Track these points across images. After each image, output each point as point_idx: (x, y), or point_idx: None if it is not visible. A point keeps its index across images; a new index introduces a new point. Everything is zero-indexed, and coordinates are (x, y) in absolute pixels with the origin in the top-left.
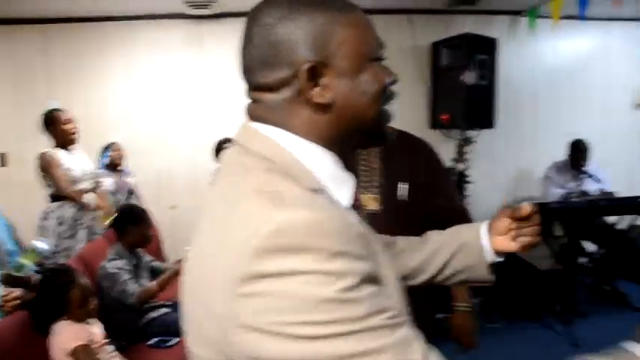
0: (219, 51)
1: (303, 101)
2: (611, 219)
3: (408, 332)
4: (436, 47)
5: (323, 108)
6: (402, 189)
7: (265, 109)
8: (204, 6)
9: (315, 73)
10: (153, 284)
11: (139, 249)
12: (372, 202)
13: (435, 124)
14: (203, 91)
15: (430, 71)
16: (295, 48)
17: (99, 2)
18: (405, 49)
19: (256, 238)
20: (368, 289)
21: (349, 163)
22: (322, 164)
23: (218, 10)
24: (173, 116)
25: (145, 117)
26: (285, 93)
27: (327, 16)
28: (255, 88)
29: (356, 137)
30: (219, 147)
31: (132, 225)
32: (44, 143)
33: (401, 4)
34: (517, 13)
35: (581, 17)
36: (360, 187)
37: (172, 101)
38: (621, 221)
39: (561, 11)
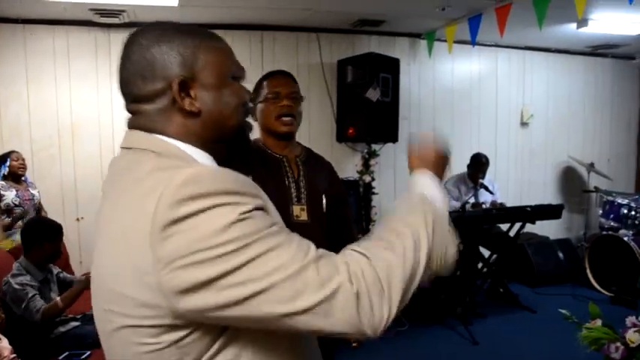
0: None
1: (177, 109)
2: (503, 227)
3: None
4: (342, 65)
5: (193, 115)
6: (324, 201)
7: (144, 118)
8: (113, 15)
9: (185, 86)
10: (57, 301)
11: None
12: (302, 213)
13: (342, 137)
14: (108, 100)
15: (336, 87)
16: (168, 65)
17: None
18: (314, 65)
19: (168, 190)
20: (261, 212)
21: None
22: (201, 158)
23: (127, 20)
24: (76, 124)
25: (47, 125)
26: (160, 103)
27: (195, 41)
28: (132, 99)
29: (222, 146)
30: None
31: (43, 240)
32: None
33: (311, 22)
34: (417, 35)
35: (473, 43)
36: (290, 199)
37: (76, 109)
38: (512, 229)
39: (455, 36)
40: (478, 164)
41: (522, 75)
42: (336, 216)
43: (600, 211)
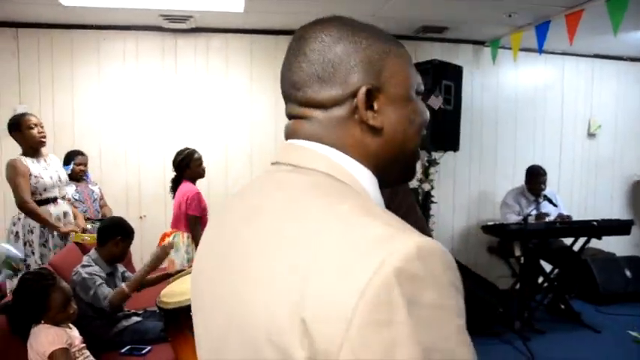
0: (193, 65)
1: (355, 122)
2: (567, 241)
3: None
4: None
5: (374, 131)
6: None
7: (314, 126)
8: (181, 20)
9: (370, 96)
10: (123, 287)
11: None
12: None
13: None
14: (174, 103)
15: None
16: (353, 69)
17: (75, 10)
18: None
19: (394, 260)
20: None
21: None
22: (371, 187)
23: (193, 25)
24: (143, 126)
25: (115, 126)
26: (337, 111)
27: (384, 46)
28: (303, 103)
29: (396, 169)
30: (185, 157)
31: (115, 237)
32: (13, 147)
33: None
34: (481, 43)
35: (539, 51)
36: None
37: (143, 111)
38: (576, 243)
39: (520, 44)
40: (536, 176)
41: (590, 84)
42: None
43: None
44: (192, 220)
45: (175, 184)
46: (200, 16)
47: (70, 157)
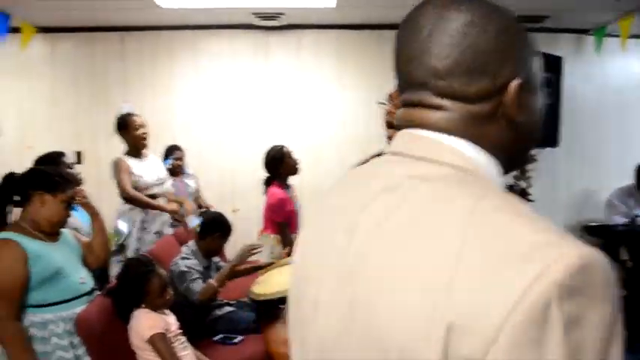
0: (284, 62)
1: (497, 117)
2: None
3: None
4: None
5: (512, 125)
6: None
7: (451, 118)
8: (272, 18)
9: (520, 91)
10: (211, 282)
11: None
12: None
13: None
14: (266, 99)
15: None
16: (506, 61)
17: (173, 12)
18: None
19: (558, 269)
20: None
21: None
22: (499, 181)
23: (285, 22)
24: (237, 122)
25: (210, 122)
26: (482, 106)
27: (528, 37)
28: (443, 94)
29: (519, 160)
30: (275, 155)
31: (215, 233)
32: (116, 144)
33: None
34: (584, 31)
35: None
36: None
37: (237, 108)
38: None
39: (630, 30)
40: None
41: None
42: None
43: None
44: (279, 226)
45: (266, 185)
46: (291, 13)
47: (169, 152)
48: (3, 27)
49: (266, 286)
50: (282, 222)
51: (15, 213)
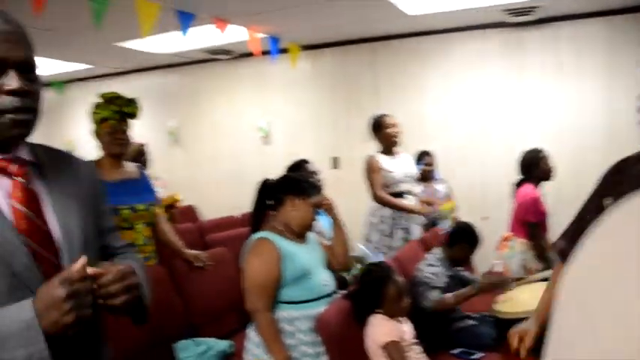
0: (539, 58)
1: None
2: None
3: None
4: None
5: None
6: None
7: None
8: (526, 12)
9: None
10: (449, 296)
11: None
12: None
13: None
14: (519, 100)
15: None
16: None
17: (420, 18)
18: None
19: None
20: None
21: None
22: None
23: (539, 16)
24: (488, 125)
25: (459, 127)
26: None
27: None
28: None
29: None
30: (532, 158)
31: (465, 243)
32: (370, 148)
33: None
34: None
35: None
36: None
37: (488, 110)
38: None
39: None
40: None
41: None
42: None
43: None
44: (530, 227)
45: (517, 186)
46: (547, 5)
47: (420, 157)
48: (274, 49)
49: (512, 304)
50: (535, 223)
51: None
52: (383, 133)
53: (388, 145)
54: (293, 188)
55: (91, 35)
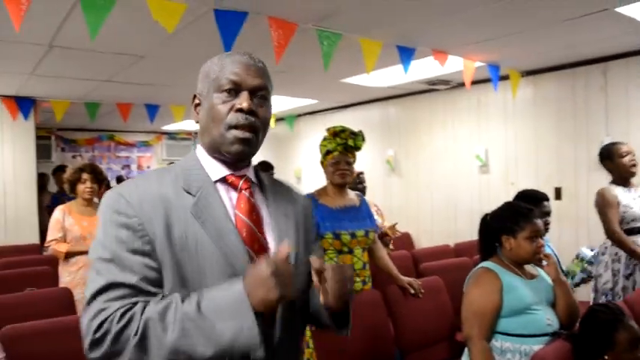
0: None
1: None
2: None
3: None
4: None
5: None
6: None
7: None
8: None
9: None
10: None
11: None
12: None
13: None
14: None
15: None
16: None
17: None
18: None
19: None
20: None
21: None
22: None
23: None
24: None
25: None
26: None
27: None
28: None
29: None
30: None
31: None
32: (597, 180)
33: None
34: None
35: None
36: None
37: None
38: None
39: None
40: None
41: None
42: None
43: None
44: None
45: None
46: None
47: None
48: (495, 77)
49: None
50: None
51: None
52: (615, 162)
53: (624, 176)
54: (503, 229)
55: (319, 74)
